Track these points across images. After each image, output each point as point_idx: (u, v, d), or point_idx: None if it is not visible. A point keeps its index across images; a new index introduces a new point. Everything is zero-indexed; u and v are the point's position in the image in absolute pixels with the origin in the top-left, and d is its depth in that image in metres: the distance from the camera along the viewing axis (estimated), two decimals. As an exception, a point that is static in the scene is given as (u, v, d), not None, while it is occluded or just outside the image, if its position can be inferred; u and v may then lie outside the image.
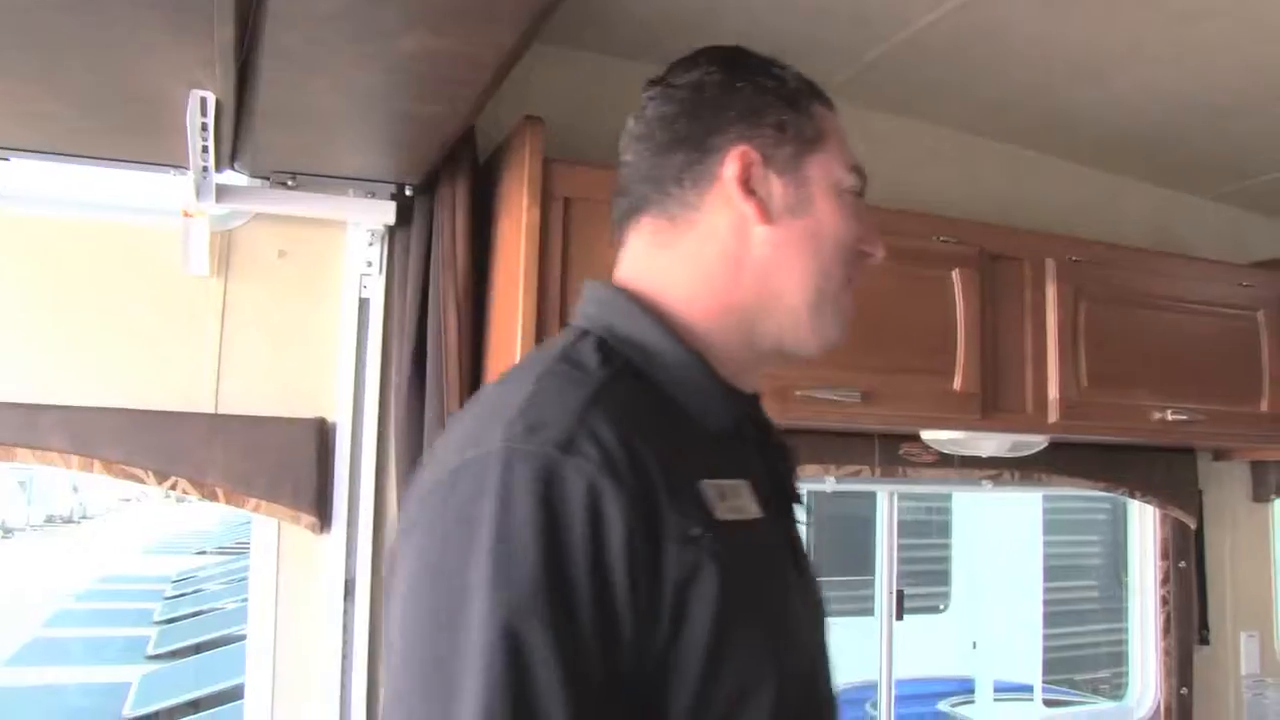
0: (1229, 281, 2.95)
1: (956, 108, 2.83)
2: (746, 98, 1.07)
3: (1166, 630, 3.21)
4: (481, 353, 2.20)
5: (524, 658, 0.80)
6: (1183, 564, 3.24)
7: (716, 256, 1.05)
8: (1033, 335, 2.55)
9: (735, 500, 0.95)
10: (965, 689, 6.16)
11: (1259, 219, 3.59)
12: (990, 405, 2.46)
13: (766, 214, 1.05)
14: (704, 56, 1.10)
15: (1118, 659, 3.44)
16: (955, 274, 2.42)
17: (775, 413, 2.21)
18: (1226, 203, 3.52)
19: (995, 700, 6.09)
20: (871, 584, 3.07)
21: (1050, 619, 6.25)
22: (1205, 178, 3.35)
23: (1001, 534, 6.34)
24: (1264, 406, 2.91)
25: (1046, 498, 6.05)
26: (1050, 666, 6.21)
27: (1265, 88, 2.59)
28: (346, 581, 2.20)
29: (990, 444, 2.58)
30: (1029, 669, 6.16)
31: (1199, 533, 3.29)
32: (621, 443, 0.87)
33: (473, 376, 2.17)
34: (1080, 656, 6.26)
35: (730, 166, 1.04)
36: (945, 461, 2.76)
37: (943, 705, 5.98)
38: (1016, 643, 6.20)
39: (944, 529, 6.34)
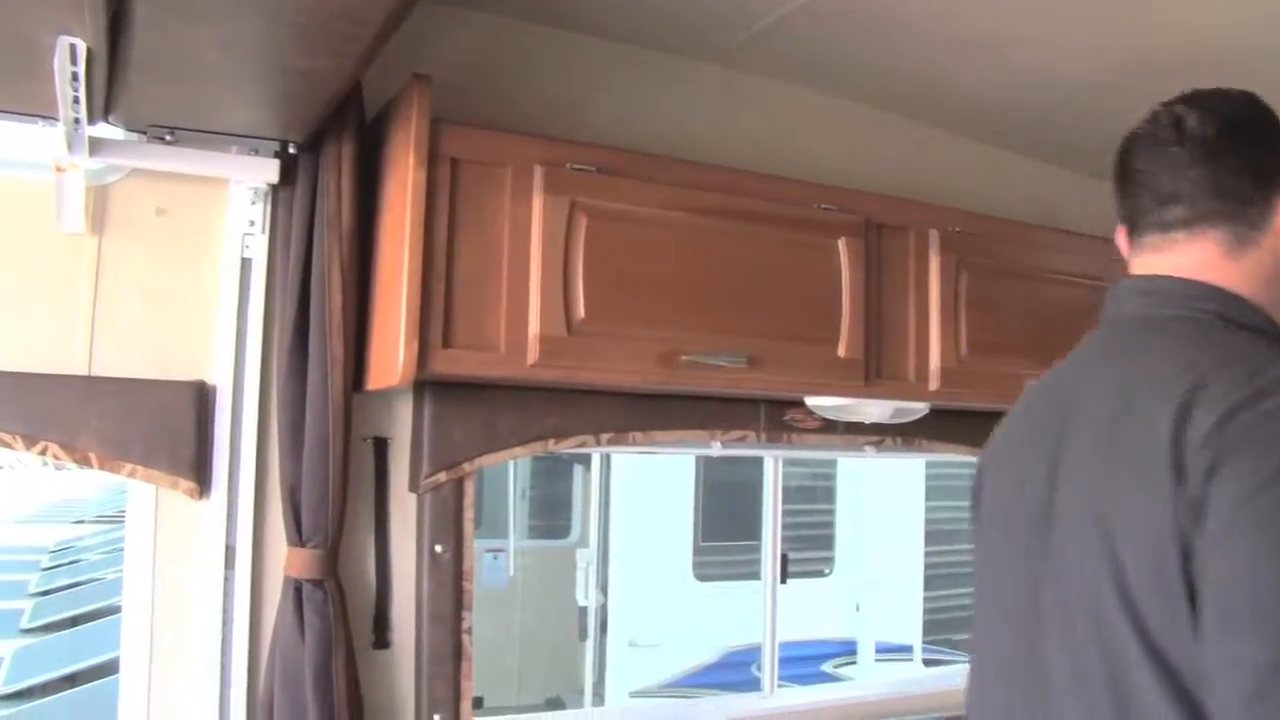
0: (1103, 255, 3.02)
1: (846, 77, 2.86)
2: None
3: (1038, 591, 3.32)
4: (367, 316, 2.16)
5: None
6: (1055, 527, 3.34)
7: (1273, 272, 1.24)
8: (916, 304, 2.61)
9: None
10: (848, 650, 6.30)
11: (1132, 196, 3.70)
12: (873, 372, 2.51)
13: None
14: (1244, 95, 1.30)
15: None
16: (841, 242, 2.46)
17: (660, 378, 2.24)
18: (1103, 179, 3.61)
19: (877, 661, 6.24)
20: (759, 549, 3.11)
21: (930, 582, 6.41)
22: (1083, 154, 3.43)
23: (884, 500, 6.49)
24: (1132, 376, 3.01)
25: (928, 464, 6.20)
26: (930, 627, 6.37)
27: (1141, 67, 2.67)
28: (227, 549, 2.16)
29: (873, 410, 2.63)
30: (909, 630, 6.33)
31: (1071, 497, 3.40)
32: None
33: (358, 340, 2.14)
34: (959, 618, 6.43)
35: None
36: (829, 427, 2.81)
37: (826, 666, 6.11)
38: (898, 605, 6.36)
39: (829, 495, 6.45)
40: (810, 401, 2.62)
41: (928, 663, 6.08)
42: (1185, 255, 1.27)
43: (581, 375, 2.18)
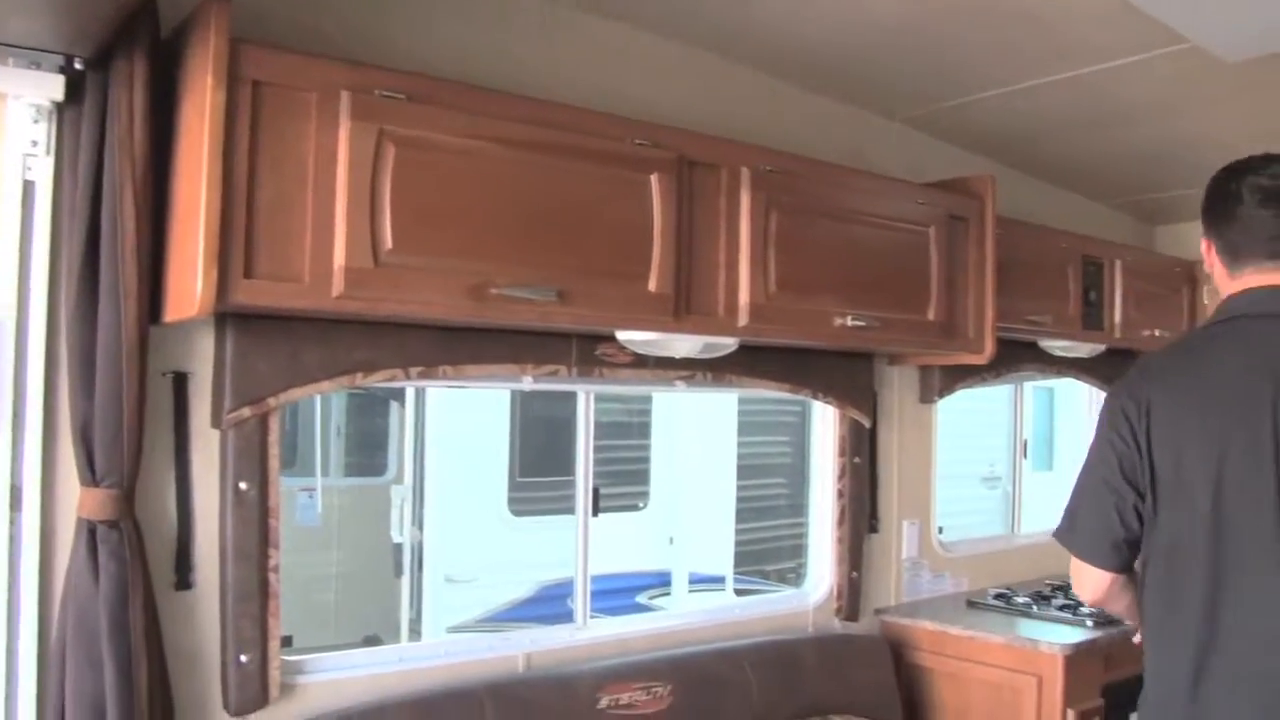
0: (907, 199, 3.16)
1: (662, 15, 2.88)
2: None
3: (841, 521, 3.47)
4: (163, 244, 2.07)
5: None
6: (857, 460, 3.49)
7: None
8: (726, 241, 2.66)
9: None
10: (663, 582, 6.44)
11: (936, 143, 3.85)
12: (683, 308, 2.56)
13: None
14: None
15: (803, 550, 3.69)
16: (653, 178, 2.48)
17: (470, 310, 2.23)
18: (909, 126, 3.75)
19: (690, 591, 6.40)
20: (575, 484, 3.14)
21: (743, 515, 6.59)
22: (891, 101, 3.56)
23: (698, 436, 6.62)
24: (931, 315, 3.16)
25: (742, 400, 6.35)
26: (742, 559, 6.56)
27: (949, 11, 2.77)
28: (13, 489, 2.06)
29: (683, 345, 2.68)
30: (722, 562, 6.50)
31: (873, 431, 3.55)
32: None
33: (153, 270, 2.05)
34: (770, 549, 6.65)
35: None
36: (640, 362, 2.85)
37: (641, 598, 6.24)
38: (711, 537, 6.52)
39: (644, 431, 6.54)
40: (621, 336, 2.65)
41: (739, 592, 6.27)
42: None
43: (389, 308, 2.14)
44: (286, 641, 2.52)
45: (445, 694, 2.52)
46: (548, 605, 5.52)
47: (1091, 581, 2.08)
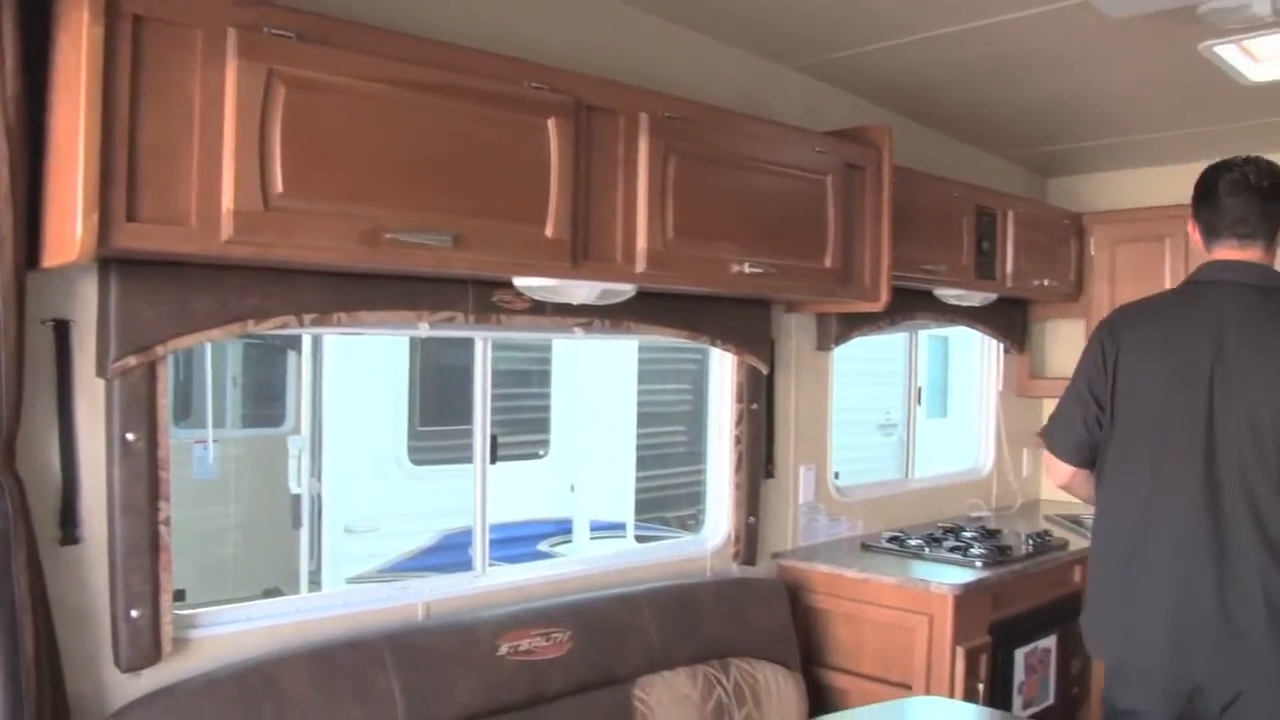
0: (805, 147, 3.18)
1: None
2: None
3: (739, 467, 3.51)
4: (40, 186, 1.98)
5: None
6: (755, 406, 3.53)
7: None
8: (624, 187, 2.65)
9: None
10: (564, 530, 6.46)
11: (836, 92, 3.87)
12: (581, 254, 2.54)
13: None
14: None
15: (703, 497, 3.73)
16: (551, 122, 2.45)
17: (363, 256, 2.19)
18: (808, 75, 3.76)
19: (592, 539, 6.44)
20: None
21: (644, 462, 6.63)
22: (789, 48, 3.56)
23: (599, 383, 6.63)
24: (828, 263, 3.19)
25: (642, 348, 6.37)
26: (643, 506, 6.61)
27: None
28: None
29: (580, 291, 2.67)
30: (623, 509, 6.55)
31: (770, 378, 3.60)
32: None
33: (31, 213, 1.97)
34: (671, 496, 6.71)
35: None
36: (538, 309, 2.84)
37: (543, 545, 6.26)
38: (612, 485, 6.56)
39: (545, 379, 6.53)
40: (518, 282, 2.63)
41: (640, 539, 6.32)
42: (1254, 253, 2.55)
43: (280, 253, 2.10)
44: (179, 596, 2.49)
45: (344, 644, 2.51)
46: (450, 554, 5.50)
47: (1056, 470, 2.80)
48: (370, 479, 5.86)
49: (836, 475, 4.06)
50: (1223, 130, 4.12)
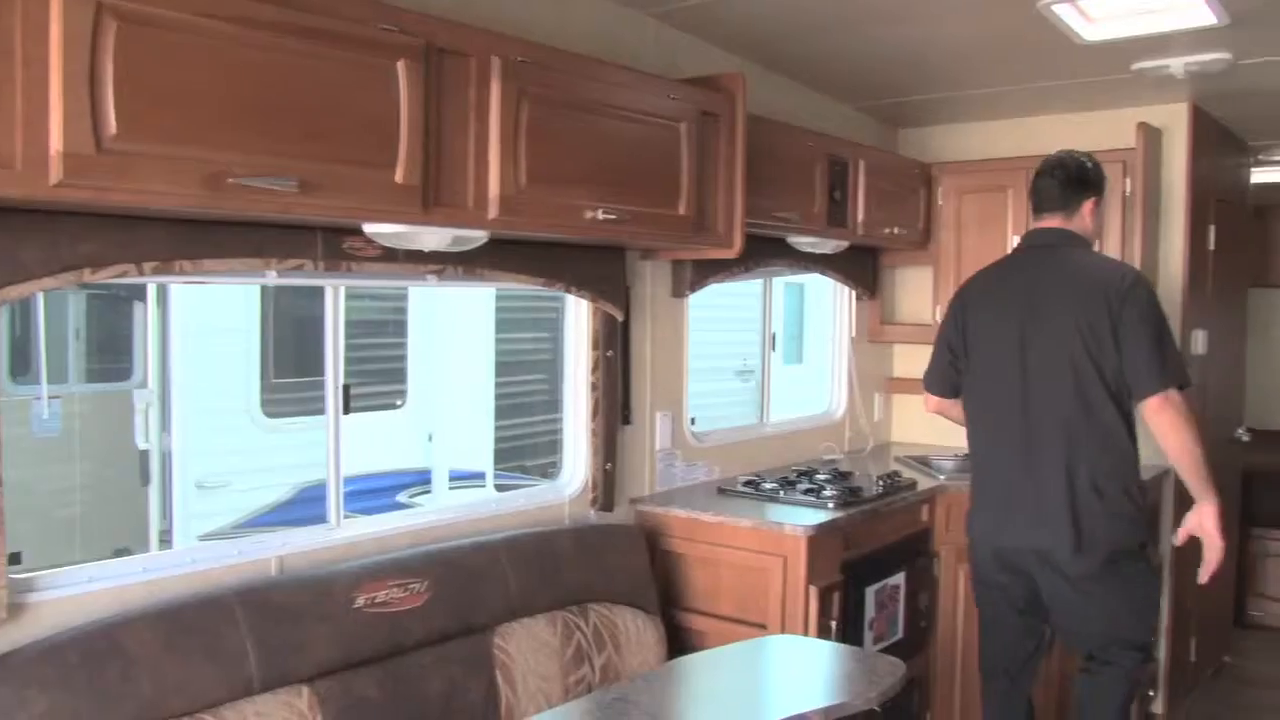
0: (660, 94, 3.18)
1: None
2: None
3: (595, 413, 3.53)
4: None
5: (1170, 334, 3.17)
6: (610, 353, 3.55)
7: (1081, 227, 3.41)
8: (476, 132, 2.61)
9: None
10: (423, 480, 6.42)
11: (691, 39, 3.88)
12: (431, 199, 2.50)
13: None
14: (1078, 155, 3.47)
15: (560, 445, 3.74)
16: (400, 65, 2.39)
17: (205, 201, 2.12)
18: (665, 22, 3.76)
19: (451, 489, 6.41)
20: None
21: (503, 411, 6.62)
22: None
23: (456, 332, 6.57)
24: (682, 210, 3.21)
25: (500, 296, 6.33)
26: (503, 455, 6.60)
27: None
28: None
29: (432, 238, 2.64)
30: (482, 458, 6.53)
31: (625, 325, 3.61)
32: None
33: None
34: (530, 445, 6.72)
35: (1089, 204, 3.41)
36: (389, 256, 2.79)
37: (402, 497, 6.21)
38: (471, 434, 6.53)
39: (401, 328, 6.45)
40: (368, 229, 2.58)
41: (500, 488, 6.32)
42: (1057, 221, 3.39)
43: (116, 197, 2.00)
44: (15, 559, 2.39)
45: (194, 602, 2.45)
46: (307, 507, 5.41)
47: (929, 400, 3.65)
48: (222, 433, 5.72)
49: (693, 421, 4.11)
50: (1060, 85, 4.27)
